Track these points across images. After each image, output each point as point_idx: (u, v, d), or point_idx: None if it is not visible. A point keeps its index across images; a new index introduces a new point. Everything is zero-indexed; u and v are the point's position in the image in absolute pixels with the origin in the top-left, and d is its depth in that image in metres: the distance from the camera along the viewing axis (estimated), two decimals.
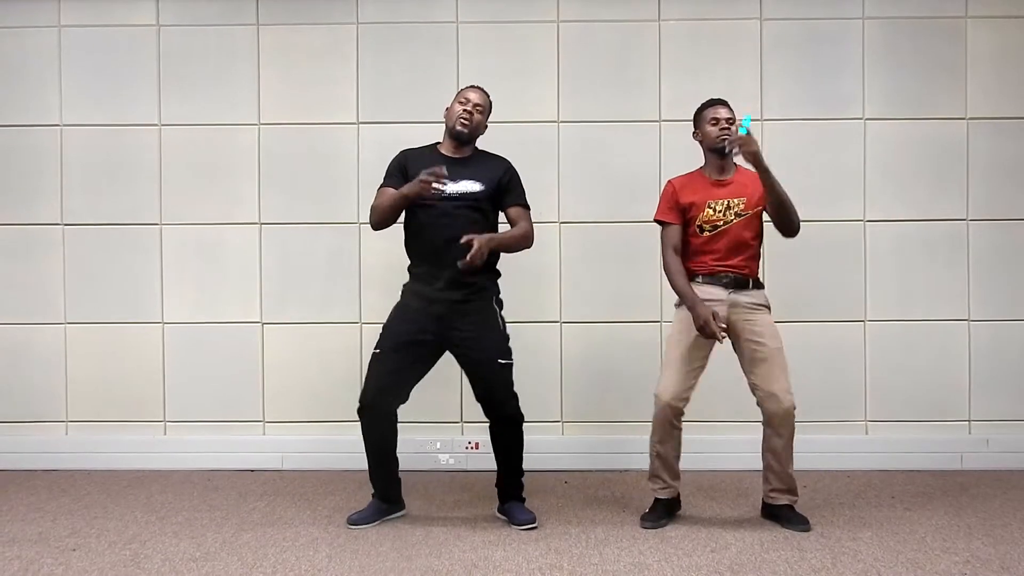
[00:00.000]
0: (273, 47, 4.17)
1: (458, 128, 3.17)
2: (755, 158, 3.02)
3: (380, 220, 3.18)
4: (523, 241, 3.23)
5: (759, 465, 3.22)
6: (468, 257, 2.96)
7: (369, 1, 4.16)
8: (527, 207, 3.27)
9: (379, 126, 4.12)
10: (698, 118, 3.23)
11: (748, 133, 3.02)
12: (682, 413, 3.11)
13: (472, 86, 3.29)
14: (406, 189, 3.06)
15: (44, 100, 4.17)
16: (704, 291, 3.14)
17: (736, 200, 3.16)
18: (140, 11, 4.17)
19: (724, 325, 3.07)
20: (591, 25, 4.15)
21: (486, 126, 3.29)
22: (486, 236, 3.04)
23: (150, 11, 4.17)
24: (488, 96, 3.28)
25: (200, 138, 4.16)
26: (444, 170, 2.99)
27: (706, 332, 3.03)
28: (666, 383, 3.10)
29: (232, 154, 4.17)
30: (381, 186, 3.21)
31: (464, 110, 3.17)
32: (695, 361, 3.13)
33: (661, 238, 3.24)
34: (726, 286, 3.14)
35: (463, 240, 2.98)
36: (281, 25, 4.16)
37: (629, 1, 4.14)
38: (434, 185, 2.97)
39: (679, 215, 3.19)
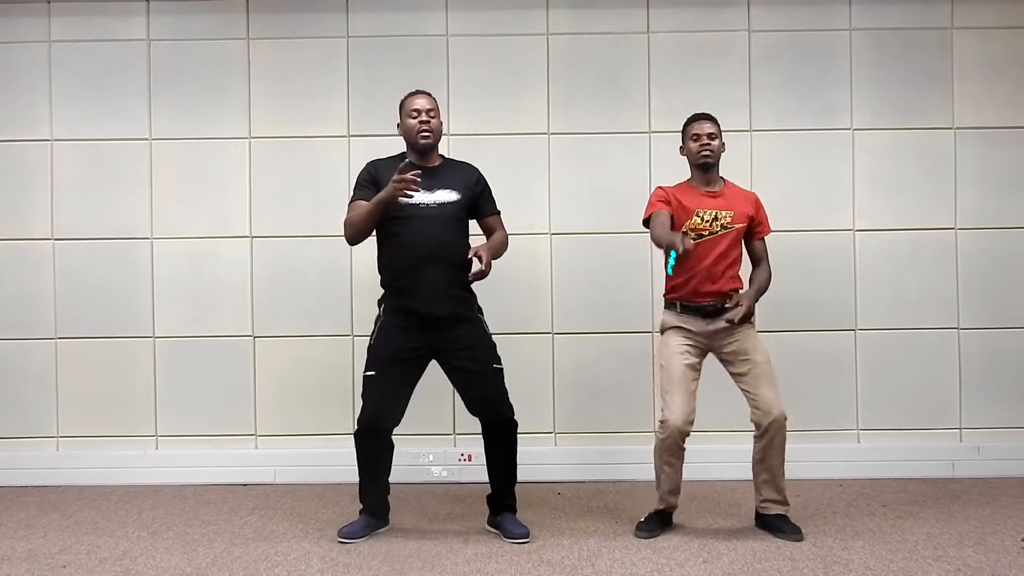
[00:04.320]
0: (264, 61, 4.18)
1: (421, 142, 3.16)
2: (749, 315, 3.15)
3: (356, 233, 3.16)
4: (505, 246, 3.29)
5: (751, 475, 3.23)
6: (477, 271, 3.04)
7: (360, 15, 4.18)
8: (499, 212, 3.33)
9: (370, 139, 4.12)
10: (683, 134, 3.26)
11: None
12: (688, 434, 3.11)
13: (414, 93, 3.23)
14: (381, 195, 3.04)
15: (34, 115, 4.17)
16: (683, 320, 3.17)
17: (724, 212, 3.17)
18: (131, 26, 4.17)
19: (691, 245, 2.97)
20: (581, 37, 4.17)
21: (441, 123, 3.27)
22: (487, 248, 3.10)
23: (140, 26, 4.18)
24: (432, 95, 3.24)
25: (191, 152, 4.17)
26: (417, 171, 2.99)
27: (676, 246, 2.89)
28: (674, 408, 3.08)
29: (223, 168, 4.17)
30: (352, 200, 3.20)
31: (420, 123, 3.15)
32: (693, 381, 3.15)
33: (651, 225, 3.13)
34: (705, 315, 3.16)
35: (470, 255, 3.05)
36: (272, 39, 4.17)
37: (618, 14, 4.17)
38: (408, 185, 2.95)
39: (669, 208, 3.16)
